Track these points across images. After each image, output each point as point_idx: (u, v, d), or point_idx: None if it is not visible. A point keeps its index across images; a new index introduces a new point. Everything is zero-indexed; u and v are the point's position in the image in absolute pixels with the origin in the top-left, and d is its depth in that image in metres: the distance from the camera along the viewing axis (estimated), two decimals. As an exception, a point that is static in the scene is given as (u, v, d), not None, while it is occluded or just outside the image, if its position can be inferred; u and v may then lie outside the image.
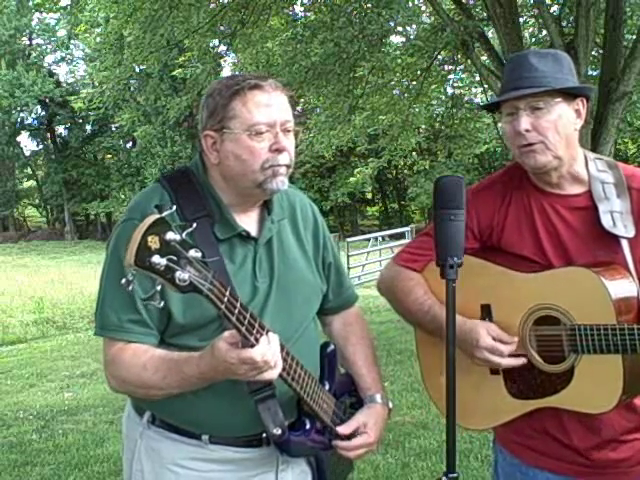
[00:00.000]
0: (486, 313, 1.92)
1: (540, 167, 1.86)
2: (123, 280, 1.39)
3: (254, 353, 1.52)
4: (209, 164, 1.81)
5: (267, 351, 1.54)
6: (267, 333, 1.58)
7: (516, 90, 1.82)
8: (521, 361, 1.85)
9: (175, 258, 1.37)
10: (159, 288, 1.39)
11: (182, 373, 1.65)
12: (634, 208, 1.84)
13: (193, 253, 1.40)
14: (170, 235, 1.37)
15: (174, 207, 1.45)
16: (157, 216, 1.38)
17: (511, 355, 1.86)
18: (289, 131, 1.77)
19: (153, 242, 1.35)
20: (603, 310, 1.74)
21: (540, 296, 1.84)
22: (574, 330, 1.78)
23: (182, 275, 1.38)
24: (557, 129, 1.82)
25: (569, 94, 1.85)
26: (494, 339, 1.85)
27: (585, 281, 1.76)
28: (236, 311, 1.50)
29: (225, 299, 1.47)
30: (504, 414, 1.93)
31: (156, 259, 1.35)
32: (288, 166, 1.77)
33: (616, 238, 1.82)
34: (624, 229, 1.82)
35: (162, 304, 1.41)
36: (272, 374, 1.58)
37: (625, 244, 1.82)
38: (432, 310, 1.95)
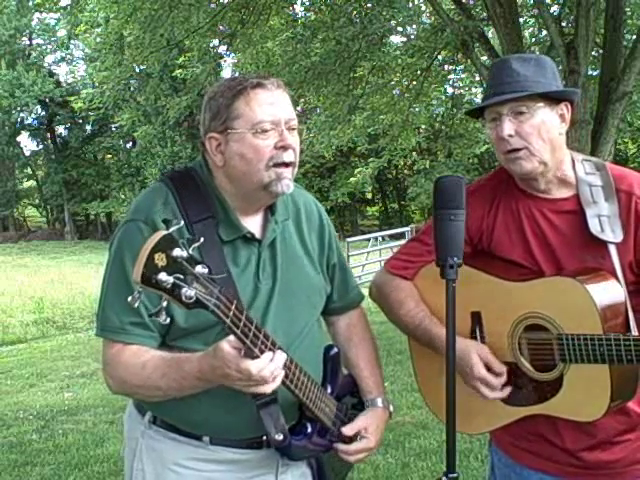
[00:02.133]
0: (476, 321, 1.92)
1: (526, 174, 1.85)
2: (130, 298, 1.38)
3: (252, 366, 1.51)
4: (213, 166, 1.79)
5: (265, 367, 1.52)
6: (274, 346, 1.56)
7: (498, 95, 1.81)
8: (506, 393, 1.86)
9: (182, 276, 1.36)
10: (165, 304, 1.39)
11: (181, 371, 1.64)
12: (622, 211, 1.82)
13: (200, 269, 1.39)
14: (177, 252, 1.36)
15: (181, 222, 1.44)
16: (164, 233, 1.37)
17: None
18: (294, 129, 1.76)
19: (160, 259, 1.34)
20: (589, 319, 1.73)
21: (529, 305, 1.83)
22: (562, 339, 1.78)
23: (188, 292, 1.37)
24: (541, 134, 1.80)
25: (552, 99, 1.83)
26: (485, 366, 1.86)
27: (571, 291, 1.76)
28: (241, 324, 1.48)
29: (231, 313, 1.46)
30: (497, 420, 1.94)
31: (163, 277, 1.34)
32: (293, 165, 1.76)
33: (604, 243, 1.80)
34: (612, 234, 1.80)
35: (167, 320, 1.41)
36: (266, 389, 1.56)
37: (613, 249, 1.80)
38: (423, 324, 1.95)
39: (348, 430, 1.88)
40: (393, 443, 4.88)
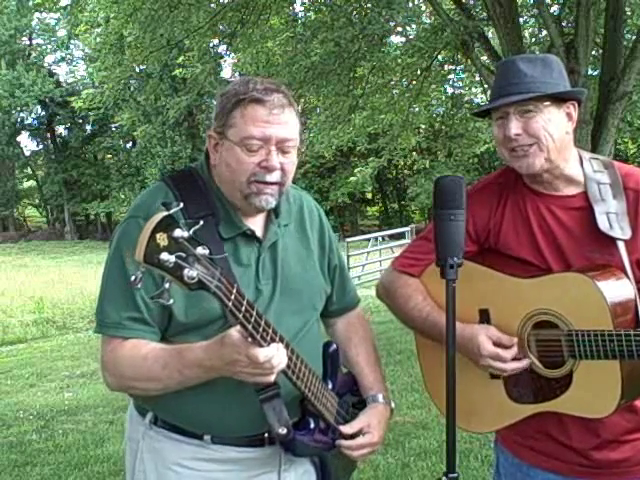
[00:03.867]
0: (484, 318, 1.92)
1: (532, 172, 1.85)
2: (132, 277, 1.38)
3: (260, 352, 1.51)
4: (212, 164, 1.81)
5: (273, 355, 1.53)
6: (276, 334, 1.57)
7: (505, 97, 1.82)
8: (525, 363, 1.85)
9: (183, 255, 1.36)
10: (167, 286, 1.38)
11: (184, 359, 1.64)
12: (630, 209, 1.83)
13: (201, 250, 1.39)
14: (178, 232, 1.36)
15: (181, 204, 1.44)
16: (165, 213, 1.37)
17: (514, 358, 1.85)
18: (287, 151, 1.74)
19: (162, 239, 1.34)
20: (599, 315, 1.73)
21: (538, 301, 1.83)
22: (571, 335, 1.78)
23: (190, 272, 1.37)
24: (548, 130, 1.81)
25: (559, 98, 1.84)
26: (495, 343, 1.85)
27: (580, 286, 1.76)
28: (243, 308, 1.49)
29: (232, 296, 1.46)
30: (505, 418, 1.93)
31: (165, 256, 1.33)
32: (279, 184, 1.75)
33: (612, 240, 1.81)
34: (620, 231, 1.81)
35: (171, 301, 1.39)
36: (269, 378, 1.57)
37: (622, 246, 1.81)
38: (431, 316, 1.95)
39: (347, 429, 1.87)
40: (393, 443, 4.87)
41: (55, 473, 4.94)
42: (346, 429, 1.87)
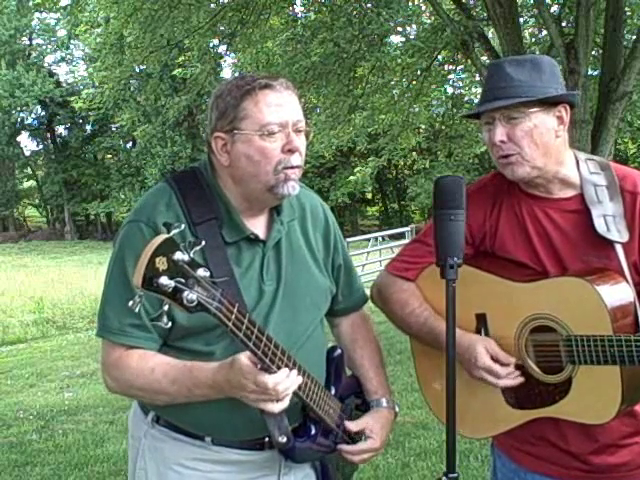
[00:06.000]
0: (481, 322, 1.90)
1: (519, 179, 1.84)
2: (130, 302, 1.38)
3: (269, 379, 1.52)
4: (218, 166, 1.78)
5: (281, 381, 1.54)
6: (277, 348, 1.56)
7: (490, 101, 1.79)
8: (518, 381, 1.83)
9: (183, 280, 1.36)
10: (166, 308, 1.38)
11: (195, 379, 1.65)
12: (627, 211, 1.81)
13: (201, 272, 1.39)
14: (178, 255, 1.35)
15: (182, 226, 1.43)
16: (165, 236, 1.36)
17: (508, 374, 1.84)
18: (301, 131, 1.75)
19: (161, 263, 1.33)
20: (599, 319, 1.71)
21: (535, 306, 1.81)
22: (570, 341, 1.76)
23: (190, 296, 1.37)
24: (533, 138, 1.78)
25: (548, 102, 1.80)
26: (492, 358, 1.83)
27: (579, 291, 1.74)
28: (243, 327, 1.48)
29: (233, 316, 1.46)
30: (502, 424, 1.91)
31: (164, 280, 1.33)
32: (300, 167, 1.76)
33: (610, 243, 1.78)
34: (618, 234, 1.78)
35: (169, 324, 1.40)
36: (275, 407, 1.57)
37: (619, 249, 1.78)
38: (428, 322, 1.93)
39: (353, 426, 1.87)
40: (393, 443, 4.87)
41: (55, 473, 4.94)
42: (351, 425, 1.87)
